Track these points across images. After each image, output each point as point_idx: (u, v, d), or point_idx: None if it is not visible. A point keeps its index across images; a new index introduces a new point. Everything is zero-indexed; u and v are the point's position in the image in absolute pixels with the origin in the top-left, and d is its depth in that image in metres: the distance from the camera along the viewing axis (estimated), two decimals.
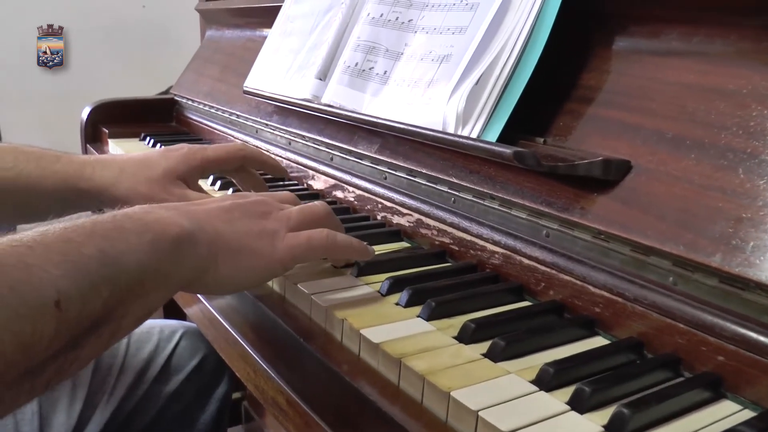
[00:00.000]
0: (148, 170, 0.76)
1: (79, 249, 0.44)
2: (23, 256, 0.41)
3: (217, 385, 0.99)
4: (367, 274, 0.66)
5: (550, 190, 0.62)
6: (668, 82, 0.59)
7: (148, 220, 0.50)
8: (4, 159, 0.75)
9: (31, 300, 0.39)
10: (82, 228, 0.46)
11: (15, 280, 0.39)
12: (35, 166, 0.75)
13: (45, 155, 0.77)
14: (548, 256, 0.62)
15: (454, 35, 0.72)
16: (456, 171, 0.71)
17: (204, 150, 0.79)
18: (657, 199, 0.54)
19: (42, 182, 0.75)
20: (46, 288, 0.40)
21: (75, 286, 0.42)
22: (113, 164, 0.77)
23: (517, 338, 0.53)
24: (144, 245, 0.48)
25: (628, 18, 0.64)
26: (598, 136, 0.62)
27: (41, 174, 0.75)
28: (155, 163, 0.77)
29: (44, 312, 0.40)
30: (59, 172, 0.76)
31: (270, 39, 1.12)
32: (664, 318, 0.52)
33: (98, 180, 0.76)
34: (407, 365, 0.50)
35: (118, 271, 0.45)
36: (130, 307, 0.47)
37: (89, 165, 0.77)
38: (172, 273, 0.51)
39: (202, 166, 0.78)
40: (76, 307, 0.42)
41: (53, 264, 0.42)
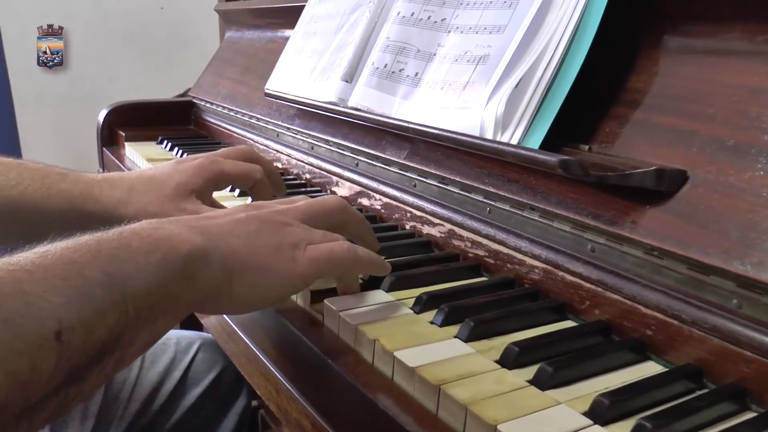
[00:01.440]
0: (160, 187, 0.72)
1: (83, 272, 0.40)
2: (21, 282, 0.37)
3: (236, 398, 0.95)
4: (398, 289, 0.62)
5: (597, 202, 0.58)
6: (728, 84, 0.54)
7: (157, 237, 0.46)
8: (8, 176, 0.70)
9: (28, 333, 0.35)
10: (86, 247, 0.42)
11: (11, 311, 0.35)
12: (40, 184, 0.71)
13: (50, 173, 0.72)
14: (594, 273, 0.57)
15: (492, 35, 0.68)
16: (492, 179, 0.67)
17: (219, 163, 0.74)
18: (718, 214, 0.50)
19: (46, 202, 0.71)
20: (46, 318, 0.36)
21: (78, 314, 0.38)
22: (122, 183, 0.73)
23: (565, 364, 0.48)
24: (153, 266, 0.44)
25: (681, 15, 0.59)
26: (648, 144, 0.58)
27: (46, 193, 0.71)
28: (167, 178, 0.73)
29: (44, 345, 0.36)
30: (65, 192, 0.71)
31: (292, 40, 1.08)
32: (726, 344, 0.47)
33: (106, 200, 0.71)
34: (447, 393, 0.45)
35: (125, 296, 0.41)
36: (137, 334, 0.43)
37: (97, 185, 0.72)
38: (182, 295, 0.47)
39: (215, 179, 0.74)
40: (79, 338, 0.38)
41: (54, 290, 0.38)
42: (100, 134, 1.48)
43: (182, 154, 1.21)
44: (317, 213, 0.57)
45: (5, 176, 0.69)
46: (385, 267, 0.61)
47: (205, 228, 0.50)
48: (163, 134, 1.40)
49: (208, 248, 0.48)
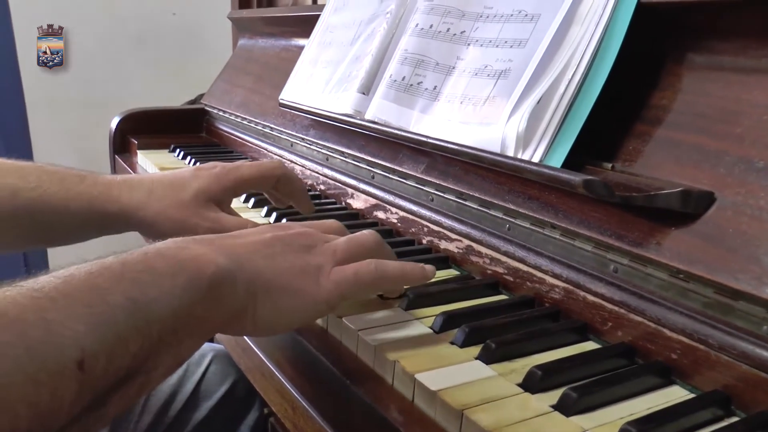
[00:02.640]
0: (179, 192, 0.71)
1: (106, 298, 0.39)
2: (44, 310, 0.36)
3: (249, 410, 0.94)
4: (417, 307, 0.61)
5: (621, 222, 0.57)
6: (757, 104, 0.53)
7: (182, 258, 0.46)
8: (28, 179, 0.70)
9: (51, 363, 0.35)
10: (109, 271, 0.41)
11: (34, 340, 0.34)
12: (59, 187, 0.71)
13: (69, 175, 0.72)
14: (616, 294, 0.56)
15: (513, 49, 0.67)
16: (512, 196, 0.66)
17: (237, 169, 0.74)
18: (747, 238, 0.49)
19: (66, 204, 0.71)
20: (69, 348, 0.36)
21: (100, 342, 0.37)
22: (141, 185, 0.72)
23: (589, 389, 0.47)
24: (177, 289, 0.43)
25: (708, 30, 0.58)
26: (673, 163, 0.57)
27: (65, 195, 0.71)
28: (186, 183, 0.72)
29: (65, 375, 0.35)
30: (84, 194, 0.71)
31: (308, 49, 1.08)
32: (756, 371, 0.46)
33: (125, 202, 0.71)
34: (470, 418, 0.44)
35: (149, 321, 0.41)
36: (160, 358, 0.42)
37: (116, 187, 0.72)
38: (207, 318, 0.46)
39: (235, 187, 0.74)
40: (102, 366, 0.37)
41: (77, 318, 0.37)
42: (112, 141, 1.48)
43: (194, 163, 1.20)
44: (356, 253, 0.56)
45: (25, 179, 0.69)
46: (424, 274, 0.58)
47: (230, 248, 0.50)
48: (174, 142, 1.39)
49: (233, 269, 0.47)
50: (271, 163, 0.77)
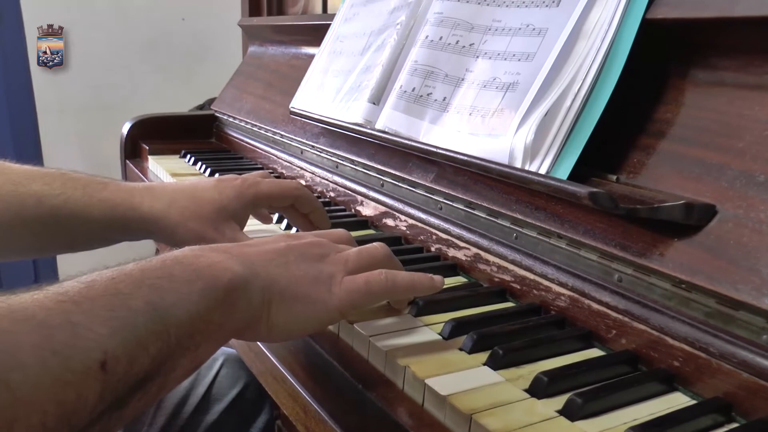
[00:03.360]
0: (200, 205, 0.73)
1: (127, 302, 0.41)
2: (69, 314, 0.38)
3: (259, 413, 0.96)
4: (426, 314, 0.63)
5: (625, 233, 0.58)
6: (759, 119, 0.55)
7: (199, 266, 0.48)
8: (53, 185, 0.73)
9: (76, 365, 0.37)
10: (130, 278, 0.43)
11: (60, 343, 0.36)
12: (82, 193, 0.73)
13: (92, 182, 0.75)
14: (621, 302, 0.58)
15: (521, 62, 0.69)
16: (520, 206, 0.68)
17: (257, 185, 0.76)
18: (748, 250, 0.50)
19: (89, 210, 0.73)
20: (92, 350, 0.38)
21: (122, 344, 0.39)
22: (163, 194, 0.74)
23: (594, 395, 0.49)
24: (195, 295, 0.45)
25: (711, 46, 0.60)
26: (676, 176, 0.58)
27: (88, 202, 0.73)
28: (207, 197, 0.74)
29: (89, 376, 0.37)
30: (106, 200, 0.73)
31: (318, 58, 1.10)
32: (756, 379, 0.48)
33: (147, 210, 0.73)
34: (479, 422, 0.46)
35: (168, 325, 0.43)
36: (178, 361, 0.44)
37: (138, 194, 0.74)
38: (223, 323, 0.48)
39: (254, 201, 0.76)
40: (123, 368, 0.39)
41: (100, 321, 0.39)
42: (124, 147, 1.50)
43: (205, 169, 1.22)
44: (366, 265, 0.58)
45: (50, 186, 0.71)
46: (433, 285, 0.60)
47: (245, 256, 0.51)
48: (185, 147, 1.41)
49: (248, 277, 0.49)
50: (291, 182, 0.79)
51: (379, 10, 0.98)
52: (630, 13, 0.62)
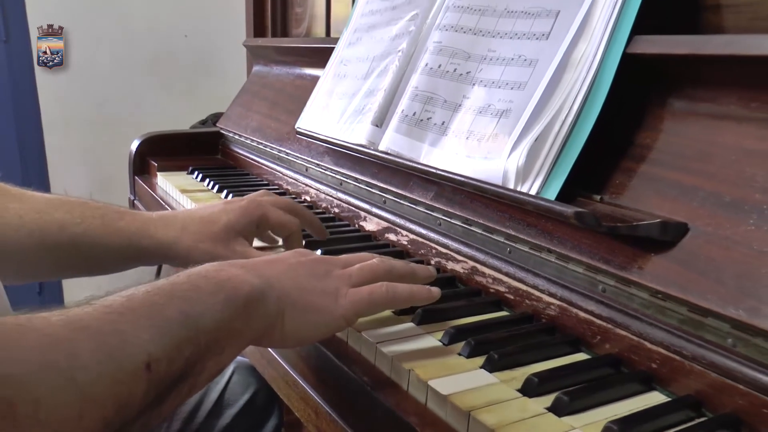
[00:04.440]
0: (210, 226, 0.79)
1: (163, 312, 0.47)
2: (116, 323, 0.44)
3: (269, 418, 1.02)
4: (427, 323, 0.69)
5: (608, 248, 0.64)
6: (727, 145, 0.61)
7: (221, 279, 0.54)
8: (74, 214, 0.78)
9: (126, 366, 0.43)
10: (162, 290, 0.49)
11: (112, 347, 0.42)
12: (100, 222, 0.78)
13: (109, 212, 0.80)
14: (604, 311, 0.64)
15: (513, 90, 0.75)
16: (513, 223, 0.74)
17: (263, 207, 0.81)
18: (715, 263, 0.56)
19: (106, 239, 0.78)
20: (138, 353, 0.44)
21: (161, 348, 0.45)
22: (175, 222, 0.80)
23: (579, 394, 0.55)
24: (219, 305, 0.51)
25: (686, 79, 0.66)
26: (654, 196, 0.65)
27: (106, 231, 0.78)
28: (216, 218, 0.80)
29: (137, 375, 0.43)
30: (123, 230, 0.79)
31: (323, 81, 1.16)
32: (723, 378, 0.54)
33: (161, 238, 0.79)
34: (477, 418, 0.52)
35: (198, 331, 0.49)
36: (206, 364, 0.50)
37: (152, 223, 0.80)
38: (243, 330, 0.54)
39: (258, 222, 0.81)
40: (163, 368, 0.45)
41: (142, 329, 0.45)
42: (132, 163, 1.55)
43: (213, 185, 1.28)
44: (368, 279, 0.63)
45: (71, 214, 0.77)
46: (430, 295, 0.66)
47: (261, 271, 0.57)
48: (191, 164, 1.47)
49: (264, 289, 0.55)
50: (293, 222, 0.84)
51: (381, 37, 1.04)
52: (612, 48, 0.68)
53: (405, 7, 1.01)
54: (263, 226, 0.82)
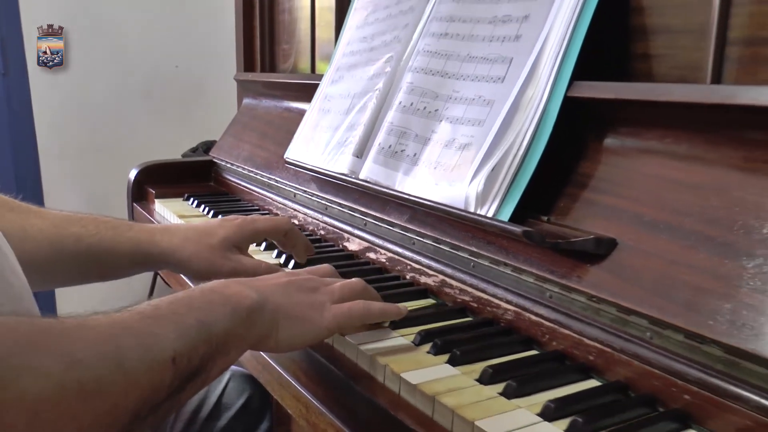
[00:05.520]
0: (209, 238, 0.91)
1: (184, 320, 0.58)
2: (150, 326, 0.55)
3: (262, 421, 1.12)
4: (401, 328, 0.80)
5: (553, 261, 0.76)
6: (647, 174, 0.73)
7: (228, 294, 0.65)
8: (88, 227, 0.90)
9: (158, 358, 0.54)
10: (182, 302, 0.61)
11: (148, 344, 0.54)
12: (113, 233, 0.90)
13: (120, 224, 0.92)
14: (551, 314, 0.76)
15: (474, 126, 0.87)
16: (475, 241, 0.86)
17: (255, 221, 0.93)
18: (637, 271, 0.68)
19: (118, 247, 0.90)
20: (167, 350, 0.55)
21: (183, 347, 0.56)
22: (178, 232, 0.92)
23: (526, 381, 0.66)
24: (227, 315, 0.63)
25: (615, 118, 0.78)
26: (590, 217, 0.77)
27: (118, 240, 0.90)
28: (214, 232, 0.91)
29: (166, 366, 0.54)
30: (133, 239, 0.90)
31: (309, 114, 1.28)
32: (643, 365, 0.65)
33: (166, 246, 0.90)
34: (439, 401, 0.63)
35: (210, 336, 0.60)
36: (216, 362, 0.61)
37: (158, 233, 0.92)
38: (245, 335, 0.65)
39: (252, 236, 0.93)
40: (184, 363, 0.56)
41: (169, 331, 0.56)
42: (131, 191, 1.66)
43: (208, 211, 1.39)
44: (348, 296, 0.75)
45: (86, 228, 0.88)
46: (399, 312, 0.78)
47: (259, 288, 0.69)
48: (186, 191, 1.58)
49: (262, 303, 0.67)
50: (282, 219, 0.96)
51: (360, 76, 1.16)
52: (555, 92, 0.80)
53: (381, 50, 1.14)
54: (258, 238, 0.94)
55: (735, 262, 0.62)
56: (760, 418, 0.56)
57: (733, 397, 0.58)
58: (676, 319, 0.63)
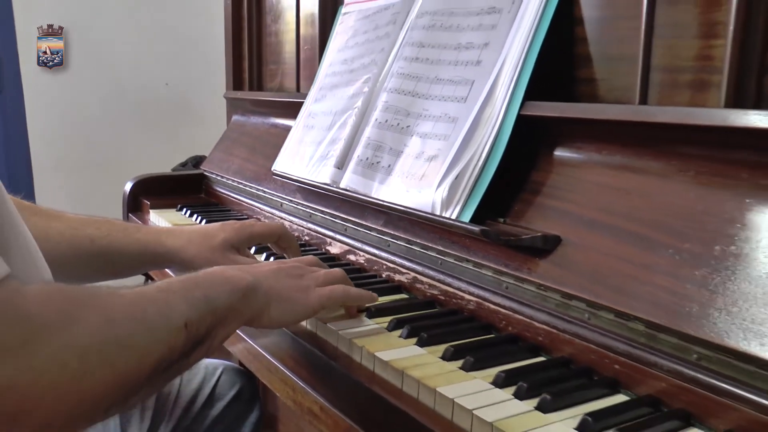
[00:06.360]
0: (210, 240, 1.02)
1: (194, 294, 0.69)
2: (166, 298, 0.66)
3: (251, 411, 1.22)
4: (377, 317, 0.91)
5: (508, 256, 0.87)
6: (588, 180, 0.85)
7: (227, 275, 0.76)
8: (101, 229, 1.00)
9: (175, 323, 0.64)
10: (191, 281, 0.71)
11: (167, 310, 0.64)
12: (123, 235, 1.01)
13: (129, 227, 1.03)
14: (507, 303, 0.87)
15: (440, 141, 0.99)
16: (442, 242, 0.97)
17: (252, 226, 1.04)
18: (577, 263, 0.80)
19: (127, 247, 1.00)
20: (181, 317, 0.65)
21: (193, 316, 0.67)
22: (182, 234, 1.03)
23: (482, 357, 0.77)
24: (227, 292, 0.73)
25: (561, 134, 0.90)
26: (540, 218, 0.88)
27: (127, 241, 1.01)
28: (215, 234, 1.02)
29: (180, 330, 0.64)
30: (141, 240, 1.01)
31: (295, 130, 1.39)
32: (583, 342, 0.77)
33: (171, 246, 1.01)
34: (407, 374, 0.74)
35: (214, 309, 0.70)
36: (218, 332, 0.72)
37: (164, 234, 1.02)
38: (242, 311, 0.75)
39: (249, 239, 1.04)
40: (194, 329, 0.67)
41: (182, 303, 0.67)
42: (127, 202, 1.76)
43: (200, 220, 1.49)
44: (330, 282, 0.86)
45: (99, 230, 0.99)
46: (372, 298, 0.90)
47: (254, 272, 0.80)
48: (179, 202, 1.68)
49: (257, 285, 0.77)
50: (276, 224, 1.07)
51: (341, 95, 1.28)
52: (510, 110, 0.92)
53: (360, 71, 1.25)
54: (254, 241, 1.05)
55: (654, 253, 0.74)
56: (675, 381, 0.68)
57: (652, 365, 0.70)
58: (608, 301, 0.75)
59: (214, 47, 2.06)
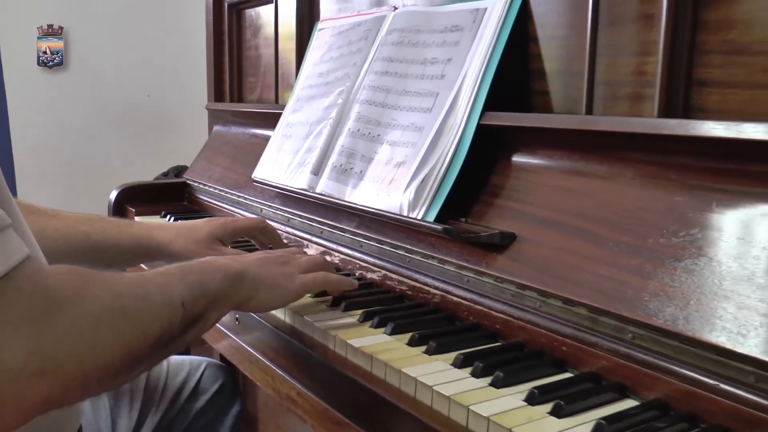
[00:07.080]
0: (196, 233, 1.09)
1: (189, 278, 0.76)
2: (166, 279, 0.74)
3: (233, 405, 1.29)
4: (350, 310, 0.98)
5: (468, 252, 0.96)
6: (541, 183, 0.94)
7: (218, 264, 0.83)
8: (95, 226, 1.08)
9: (173, 302, 0.71)
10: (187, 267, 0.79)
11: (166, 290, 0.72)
12: (116, 231, 1.08)
13: (122, 223, 1.11)
14: (468, 295, 0.95)
15: (407, 148, 1.07)
16: (410, 240, 1.05)
17: (236, 221, 1.13)
18: (530, 256, 0.88)
19: (121, 242, 1.08)
20: (179, 297, 0.73)
21: (189, 296, 0.74)
22: (171, 229, 1.11)
23: (443, 342, 0.85)
24: (219, 278, 0.81)
25: (517, 141, 0.99)
26: (498, 217, 0.97)
27: (121, 237, 1.08)
28: (201, 228, 1.10)
29: (178, 308, 0.72)
30: (133, 235, 1.09)
31: (274, 139, 1.47)
32: (535, 328, 0.85)
33: (160, 240, 1.09)
34: (376, 357, 0.82)
35: (207, 292, 0.78)
36: (211, 313, 0.79)
37: (154, 229, 1.10)
38: (232, 296, 0.83)
39: (233, 232, 1.12)
40: (190, 308, 0.74)
41: (179, 284, 0.74)
42: (112, 210, 1.83)
43: None
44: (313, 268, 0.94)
45: (93, 226, 1.06)
46: (352, 284, 0.98)
47: (242, 260, 0.87)
48: (162, 209, 1.75)
49: (245, 272, 0.85)
50: (258, 219, 1.15)
51: (317, 107, 1.36)
52: (471, 120, 1.01)
53: (335, 84, 1.33)
54: (237, 234, 1.13)
55: (598, 246, 0.82)
56: (613, 358, 0.76)
57: (594, 345, 0.78)
58: (556, 289, 0.83)
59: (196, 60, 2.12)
